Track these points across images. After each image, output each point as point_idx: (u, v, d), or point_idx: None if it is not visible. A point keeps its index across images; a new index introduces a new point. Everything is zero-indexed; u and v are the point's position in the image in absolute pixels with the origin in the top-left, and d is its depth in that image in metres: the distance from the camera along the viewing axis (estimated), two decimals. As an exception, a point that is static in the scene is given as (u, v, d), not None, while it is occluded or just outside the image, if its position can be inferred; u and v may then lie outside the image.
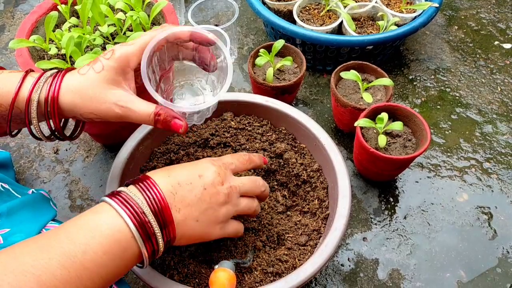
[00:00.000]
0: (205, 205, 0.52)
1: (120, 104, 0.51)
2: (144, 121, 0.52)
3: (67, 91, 0.50)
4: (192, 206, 0.51)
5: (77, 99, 0.50)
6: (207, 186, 0.53)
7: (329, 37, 0.93)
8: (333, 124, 0.96)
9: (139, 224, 0.45)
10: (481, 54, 1.10)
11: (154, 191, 0.48)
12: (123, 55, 0.51)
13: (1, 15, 1.25)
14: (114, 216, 0.45)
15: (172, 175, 0.52)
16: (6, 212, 0.55)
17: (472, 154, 0.91)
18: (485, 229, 0.80)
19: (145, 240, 0.46)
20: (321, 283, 0.75)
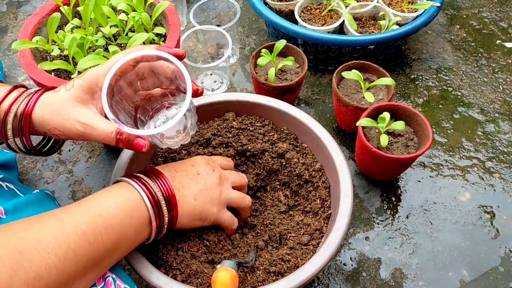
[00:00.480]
0: (200, 186, 0.60)
1: (82, 121, 0.52)
2: (105, 139, 0.53)
3: (40, 106, 0.52)
4: (189, 186, 0.59)
5: (46, 113, 0.52)
6: (200, 171, 0.62)
7: (331, 37, 0.93)
8: (335, 124, 0.96)
9: (153, 202, 0.54)
10: (483, 53, 1.10)
11: (162, 179, 0.57)
12: (93, 74, 0.53)
13: (4, 16, 1.26)
14: (134, 192, 0.54)
15: (169, 166, 0.61)
16: (12, 209, 0.56)
17: (474, 153, 0.91)
18: (488, 228, 0.80)
19: (156, 214, 0.54)
20: (324, 282, 0.75)
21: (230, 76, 1.06)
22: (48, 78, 0.69)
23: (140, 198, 0.53)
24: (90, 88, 0.53)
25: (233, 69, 1.09)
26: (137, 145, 0.53)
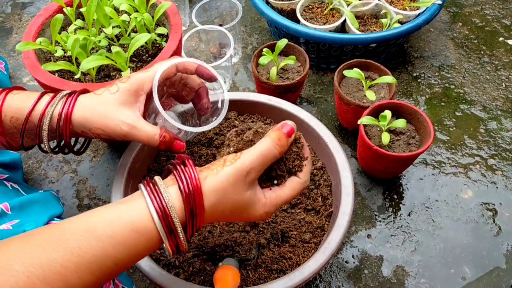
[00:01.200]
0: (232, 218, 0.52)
1: (128, 122, 0.54)
2: (148, 141, 0.56)
3: (80, 107, 0.54)
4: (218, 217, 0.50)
5: (88, 114, 0.54)
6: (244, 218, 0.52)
7: (332, 35, 0.94)
8: (337, 122, 0.96)
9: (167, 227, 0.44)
10: (486, 50, 1.10)
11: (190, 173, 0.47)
12: (138, 79, 0.56)
13: (8, 18, 1.27)
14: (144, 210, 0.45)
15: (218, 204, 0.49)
16: (18, 206, 0.57)
17: (476, 151, 0.91)
18: (490, 225, 0.80)
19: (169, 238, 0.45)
20: (326, 280, 0.75)
21: (232, 76, 1.07)
22: (51, 79, 0.70)
23: (154, 226, 0.44)
24: (135, 92, 0.56)
25: (236, 68, 1.09)
26: (177, 145, 0.58)
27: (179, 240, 0.46)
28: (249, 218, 0.51)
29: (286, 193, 0.52)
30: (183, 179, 0.46)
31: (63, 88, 0.69)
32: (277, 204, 0.52)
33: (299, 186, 0.53)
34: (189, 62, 0.60)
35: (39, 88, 1.01)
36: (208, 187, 0.46)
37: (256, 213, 0.50)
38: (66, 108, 0.53)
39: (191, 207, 0.45)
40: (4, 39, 1.21)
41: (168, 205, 0.44)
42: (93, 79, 0.74)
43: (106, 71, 0.76)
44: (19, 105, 0.53)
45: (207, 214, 0.47)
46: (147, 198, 0.45)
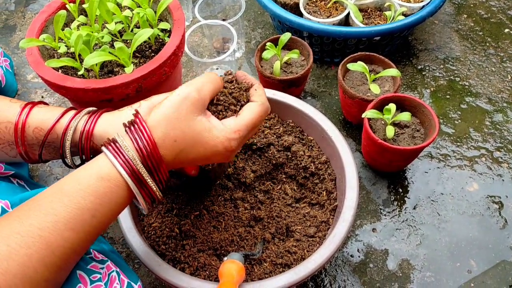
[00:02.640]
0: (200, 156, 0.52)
1: None
2: None
3: (102, 122, 0.55)
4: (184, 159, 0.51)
5: (110, 128, 0.54)
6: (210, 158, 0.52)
7: (336, 29, 0.93)
8: (342, 116, 0.96)
9: (130, 171, 0.46)
10: (491, 42, 1.09)
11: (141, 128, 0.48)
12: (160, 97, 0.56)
13: (12, 15, 1.27)
14: (108, 163, 0.46)
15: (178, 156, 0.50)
16: (18, 202, 0.57)
17: (482, 144, 0.90)
18: (496, 218, 0.80)
19: (138, 186, 0.47)
20: (331, 273, 0.75)
21: (236, 70, 1.06)
22: (55, 75, 0.70)
23: (123, 180, 0.46)
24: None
25: (239, 63, 1.09)
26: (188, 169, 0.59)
27: (149, 188, 0.47)
28: (209, 148, 0.50)
29: (245, 116, 0.52)
30: (132, 128, 0.48)
31: (66, 84, 0.69)
32: (239, 130, 0.51)
33: (257, 108, 0.53)
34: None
35: (43, 85, 1.02)
36: (152, 120, 0.48)
37: (216, 140, 0.49)
38: (90, 122, 0.54)
39: (143, 148, 0.46)
40: (8, 36, 1.21)
41: (129, 155, 0.46)
42: (96, 75, 0.74)
43: (110, 67, 0.76)
44: (44, 117, 0.55)
45: (162, 147, 0.47)
46: (108, 155, 0.46)
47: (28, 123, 0.54)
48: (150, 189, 0.48)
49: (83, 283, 0.48)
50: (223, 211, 0.69)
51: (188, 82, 0.50)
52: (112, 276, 0.53)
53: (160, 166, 0.48)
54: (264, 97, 0.54)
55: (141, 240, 0.61)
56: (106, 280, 0.52)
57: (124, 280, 0.54)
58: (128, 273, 0.56)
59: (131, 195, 0.47)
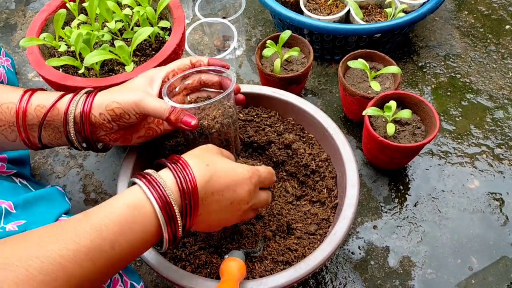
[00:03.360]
0: (223, 215, 0.54)
1: (141, 90, 0.58)
2: (159, 112, 0.57)
3: (99, 94, 0.58)
4: (211, 213, 0.53)
5: (106, 93, 0.58)
6: (234, 202, 0.54)
7: (336, 26, 0.93)
8: (342, 114, 0.96)
9: (163, 205, 0.46)
10: (492, 39, 1.08)
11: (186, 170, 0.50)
12: (153, 70, 0.63)
13: (12, 14, 1.27)
14: (139, 193, 0.47)
15: (211, 179, 0.51)
16: (22, 204, 0.57)
17: (483, 140, 0.90)
18: (497, 215, 0.80)
19: (167, 222, 0.47)
20: (332, 271, 0.76)
21: (236, 68, 1.06)
22: (56, 74, 0.70)
23: (153, 212, 0.46)
24: (150, 79, 0.61)
25: (240, 61, 1.09)
26: (185, 121, 0.58)
27: (177, 227, 0.47)
28: (238, 173, 0.53)
29: (258, 168, 0.58)
30: (179, 172, 0.49)
31: (67, 83, 0.69)
32: (256, 174, 0.56)
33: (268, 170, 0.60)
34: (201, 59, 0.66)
35: (44, 84, 1.02)
36: (188, 157, 0.51)
37: (243, 169, 0.54)
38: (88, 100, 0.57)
39: (187, 195, 0.48)
40: (9, 35, 1.21)
41: (167, 192, 0.46)
42: (97, 74, 0.74)
43: (110, 66, 0.76)
44: (47, 97, 0.57)
45: (197, 174, 0.49)
46: (143, 187, 0.46)
47: (31, 101, 0.56)
48: (177, 228, 0.48)
49: None
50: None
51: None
52: (115, 278, 0.53)
53: (196, 205, 0.49)
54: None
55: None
56: (108, 283, 0.52)
57: (127, 282, 0.55)
58: (130, 274, 0.56)
59: (155, 235, 0.47)
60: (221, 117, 0.63)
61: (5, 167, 0.67)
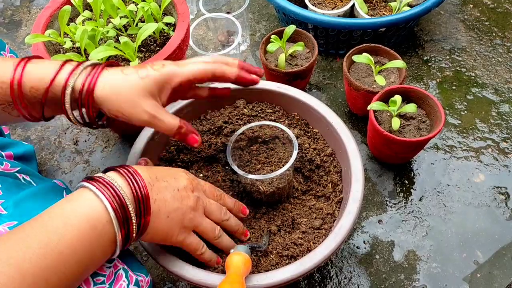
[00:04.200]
0: (177, 204, 0.54)
1: (151, 112, 0.55)
2: (168, 131, 0.57)
3: (104, 84, 0.52)
4: (166, 201, 0.52)
5: (112, 96, 0.53)
6: (180, 188, 0.55)
7: (341, 20, 0.93)
8: (347, 108, 0.96)
9: (118, 207, 0.46)
10: (498, 32, 1.08)
11: (137, 178, 0.49)
12: (171, 72, 0.56)
13: (17, 10, 1.28)
14: (92, 199, 0.46)
15: (150, 170, 0.54)
16: (12, 204, 0.56)
17: (488, 134, 0.90)
18: (502, 209, 0.80)
19: (121, 224, 0.46)
20: (337, 265, 0.76)
21: (241, 63, 1.06)
22: (61, 70, 0.71)
23: (108, 220, 0.46)
24: (163, 84, 0.56)
25: (244, 56, 1.09)
26: (191, 139, 0.59)
27: (131, 228, 0.48)
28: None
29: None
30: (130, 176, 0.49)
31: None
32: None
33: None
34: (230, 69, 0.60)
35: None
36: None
37: (182, 176, 0.56)
38: (88, 83, 0.52)
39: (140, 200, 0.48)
40: (14, 32, 1.22)
41: (122, 193, 0.47)
42: (102, 70, 0.74)
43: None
44: (40, 75, 0.51)
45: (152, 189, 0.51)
46: (95, 190, 0.46)
47: (24, 82, 0.51)
48: (131, 228, 0.48)
49: (86, 285, 0.49)
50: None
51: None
52: (119, 274, 0.53)
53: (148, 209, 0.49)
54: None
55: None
56: (111, 280, 0.52)
57: (132, 277, 0.55)
58: (136, 268, 0.56)
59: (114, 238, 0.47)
60: (277, 181, 0.65)
61: (9, 165, 0.66)
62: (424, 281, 0.74)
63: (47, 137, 0.98)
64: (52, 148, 0.96)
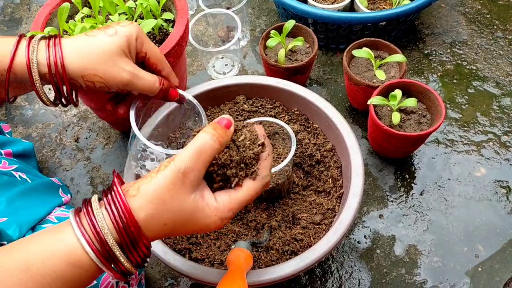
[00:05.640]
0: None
1: (130, 70, 0.51)
2: (149, 88, 0.54)
3: (71, 51, 0.49)
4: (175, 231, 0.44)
5: (83, 59, 0.49)
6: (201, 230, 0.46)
7: (341, 15, 0.92)
8: (348, 103, 0.96)
9: (97, 248, 0.39)
10: (499, 25, 1.07)
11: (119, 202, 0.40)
12: (139, 29, 0.52)
13: (17, 8, 1.28)
14: (72, 237, 0.40)
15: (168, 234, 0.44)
16: (5, 200, 0.56)
17: (489, 128, 0.89)
18: (503, 203, 0.80)
19: (108, 267, 0.40)
20: (338, 260, 0.76)
21: (241, 59, 1.06)
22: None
23: (89, 258, 0.39)
24: (131, 40, 0.52)
25: (244, 51, 1.09)
26: (172, 92, 0.57)
27: (121, 265, 0.41)
28: (200, 227, 0.44)
29: (243, 194, 0.46)
30: (111, 203, 0.40)
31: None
32: (234, 208, 0.45)
33: (257, 184, 0.46)
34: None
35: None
36: (139, 201, 0.40)
37: (208, 220, 0.44)
38: (53, 53, 0.48)
39: (124, 231, 0.40)
40: (14, 29, 1.22)
41: (103, 231, 0.39)
42: (101, 67, 0.74)
43: (114, 59, 0.76)
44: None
45: (148, 229, 0.41)
46: (75, 228, 0.39)
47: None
48: (122, 267, 0.41)
49: None
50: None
51: (184, 154, 0.42)
52: None
53: (140, 247, 0.41)
54: (268, 170, 0.48)
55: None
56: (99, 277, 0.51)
57: None
58: None
59: (102, 273, 0.42)
60: (276, 177, 0.65)
61: (7, 163, 0.66)
62: (425, 276, 0.74)
63: (48, 134, 0.98)
64: (53, 145, 0.96)
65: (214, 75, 1.03)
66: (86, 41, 0.50)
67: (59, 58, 0.48)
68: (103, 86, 0.51)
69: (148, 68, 0.56)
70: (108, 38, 0.50)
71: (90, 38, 0.50)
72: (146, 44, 0.54)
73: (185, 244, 0.64)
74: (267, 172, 0.47)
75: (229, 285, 0.50)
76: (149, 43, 0.54)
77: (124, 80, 0.51)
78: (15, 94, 0.54)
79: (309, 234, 0.65)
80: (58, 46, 0.48)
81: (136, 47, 0.53)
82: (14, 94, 0.53)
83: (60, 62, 0.48)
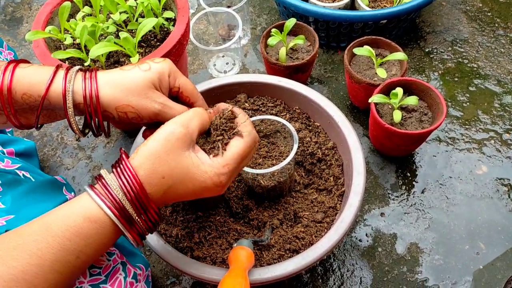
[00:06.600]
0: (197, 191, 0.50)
1: (160, 101, 0.53)
2: None
3: (106, 84, 0.51)
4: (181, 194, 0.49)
5: (117, 92, 0.51)
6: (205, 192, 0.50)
7: (342, 13, 0.92)
8: (349, 101, 0.96)
9: (119, 213, 0.44)
10: (500, 23, 1.07)
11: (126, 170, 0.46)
12: (171, 65, 0.55)
13: (18, 7, 1.28)
14: (92, 204, 0.44)
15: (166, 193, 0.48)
16: (11, 198, 0.56)
17: (491, 126, 0.89)
18: (505, 201, 0.80)
19: (127, 226, 0.45)
20: (340, 258, 0.76)
21: (242, 57, 1.06)
22: (62, 67, 0.71)
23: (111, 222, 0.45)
24: (163, 76, 0.54)
25: (245, 50, 1.09)
26: None
27: (139, 227, 0.46)
28: (199, 184, 0.48)
29: (234, 149, 0.50)
30: (118, 169, 0.46)
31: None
32: (229, 164, 0.49)
33: (245, 140, 0.51)
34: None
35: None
36: (139, 158, 0.46)
37: (205, 175, 0.47)
38: (89, 84, 0.50)
39: (130, 190, 0.44)
40: (15, 28, 1.22)
41: (118, 196, 0.44)
42: (103, 66, 0.74)
43: (116, 57, 0.77)
44: (32, 81, 0.50)
45: (149, 185, 0.45)
46: (94, 196, 0.44)
47: (14, 88, 0.49)
48: (139, 228, 0.46)
49: (82, 276, 0.49)
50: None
51: (174, 118, 0.49)
52: (116, 268, 0.54)
53: (149, 206, 0.46)
54: (250, 127, 0.53)
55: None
56: (108, 272, 0.52)
57: (130, 270, 0.55)
58: (140, 260, 0.57)
59: (118, 234, 0.46)
60: (278, 175, 0.65)
61: (10, 162, 0.67)
62: (426, 273, 0.74)
63: (50, 133, 0.98)
64: (55, 144, 0.96)
65: (215, 73, 1.03)
66: (120, 74, 0.52)
67: (94, 89, 0.50)
68: (135, 117, 0.53)
69: (182, 102, 0.58)
70: (142, 72, 0.53)
71: (125, 72, 0.53)
72: (178, 78, 0.56)
73: (187, 242, 0.64)
74: (250, 128, 0.52)
75: (231, 283, 0.50)
76: (182, 77, 0.56)
77: (156, 110, 0.53)
78: (44, 122, 0.55)
79: (310, 232, 0.65)
80: (94, 79, 0.51)
81: (169, 83, 0.55)
82: (43, 121, 0.55)
83: (95, 93, 0.50)
